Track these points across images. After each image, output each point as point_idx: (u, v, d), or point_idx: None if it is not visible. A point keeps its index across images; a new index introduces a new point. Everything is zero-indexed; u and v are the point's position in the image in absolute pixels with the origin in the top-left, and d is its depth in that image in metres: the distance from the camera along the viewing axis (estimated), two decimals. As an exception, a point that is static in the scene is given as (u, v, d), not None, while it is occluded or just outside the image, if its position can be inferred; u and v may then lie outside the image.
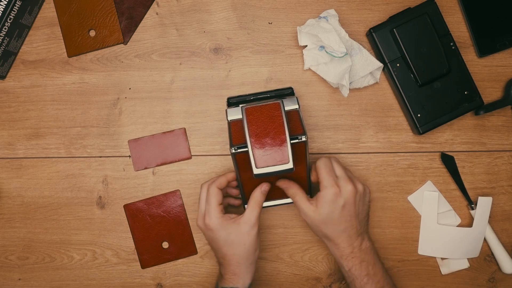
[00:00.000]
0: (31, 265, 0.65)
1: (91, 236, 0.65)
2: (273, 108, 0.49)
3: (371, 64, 0.60)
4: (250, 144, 0.48)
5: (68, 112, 0.65)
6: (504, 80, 0.64)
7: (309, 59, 0.62)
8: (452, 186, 0.64)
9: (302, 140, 0.49)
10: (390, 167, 0.64)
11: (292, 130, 0.50)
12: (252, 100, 0.53)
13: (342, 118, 0.64)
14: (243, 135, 0.49)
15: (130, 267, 0.65)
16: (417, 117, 0.61)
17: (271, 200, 0.58)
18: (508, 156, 0.64)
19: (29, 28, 0.64)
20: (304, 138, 0.49)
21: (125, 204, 0.64)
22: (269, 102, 0.50)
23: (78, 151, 0.64)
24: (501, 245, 0.63)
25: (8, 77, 0.65)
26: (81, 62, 0.64)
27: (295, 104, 0.52)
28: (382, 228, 0.64)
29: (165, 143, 0.64)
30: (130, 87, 0.64)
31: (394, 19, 0.61)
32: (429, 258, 0.64)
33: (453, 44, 0.61)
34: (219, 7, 0.64)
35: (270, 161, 0.47)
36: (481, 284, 0.64)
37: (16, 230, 0.65)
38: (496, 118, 0.64)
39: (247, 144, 0.48)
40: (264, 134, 0.48)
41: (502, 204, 0.64)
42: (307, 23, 0.62)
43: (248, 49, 0.64)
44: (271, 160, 0.47)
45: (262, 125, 0.48)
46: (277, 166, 0.47)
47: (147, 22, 0.64)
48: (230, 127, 0.52)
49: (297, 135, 0.49)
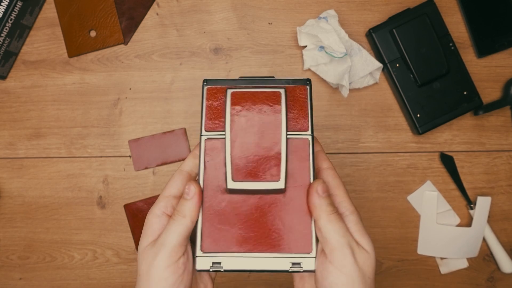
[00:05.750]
0: (32, 264, 0.65)
1: (92, 236, 0.65)
2: (271, 99, 0.35)
3: (371, 64, 0.61)
4: (230, 146, 0.34)
5: (68, 112, 0.65)
6: (503, 81, 0.64)
7: (309, 60, 0.62)
8: (451, 186, 0.64)
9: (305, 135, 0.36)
10: (389, 167, 0.64)
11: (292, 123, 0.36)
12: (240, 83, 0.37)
13: (342, 118, 0.64)
14: (220, 124, 0.36)
15: (130, 266, 0.65)
16: (417, 117, 0.61)
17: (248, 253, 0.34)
18: (507, 156, 0.64)
19: (30, 28, 0.64)
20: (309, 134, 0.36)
21: (126, 204, 0.64)
22: (266, 90, 0.36)
23: (79, 151, 0.65)
24: (500, 244, 0.63)
25: (9, 78, 0.65)
26: (82, 62, 0.65)
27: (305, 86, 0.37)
28: (381, 228, 0.64)
29: (166, 143, 0.64)
30: (130, 87, 0.65)
31: (393, 19, 0.61)
32: (428, 257, 0.64)
33: (452, 45, 0.61)
34: (219, 7, 0.64)
35: (252, 173, 0.34)
36: (480, 284, 0.64)
37: (17, 229, 0.65)
38: (495, 118, 0.64)
39: (225, 146, 0.34)
40: (251, 135, 0.35)
41: (501, 204, 0.64)
42: (307, 24, 0.62)
43: (248, 49, 0.64)
44: (254, 173, 0.34)
45: (251, 121, 0.35)
46: (261, 183, 0.34)
47: (148, 22, 0.64)
48: (204, 103, 0.37)
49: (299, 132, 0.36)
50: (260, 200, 0.35)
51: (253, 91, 0.36)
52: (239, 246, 0.33)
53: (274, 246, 0.34)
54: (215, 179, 0.35)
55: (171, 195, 0.35)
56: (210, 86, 0.37)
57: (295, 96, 0.37)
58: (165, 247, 0.31)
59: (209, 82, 0.37)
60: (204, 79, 0.37)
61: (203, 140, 0.36)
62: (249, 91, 0.36)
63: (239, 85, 0.37)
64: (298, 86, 0.37)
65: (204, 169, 0.35)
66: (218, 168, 0.35)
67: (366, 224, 0.64)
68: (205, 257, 0.33)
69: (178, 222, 0.32)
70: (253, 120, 0.35)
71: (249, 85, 0.36)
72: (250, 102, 0.35)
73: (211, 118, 0.36)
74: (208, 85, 0.37)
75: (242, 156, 0.34)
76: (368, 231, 0.64)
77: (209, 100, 0.37)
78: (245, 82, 0.37)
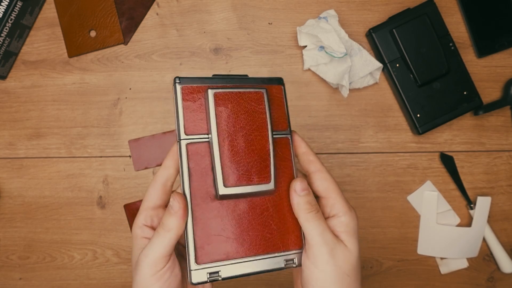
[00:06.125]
0: (32, 264, 0.65)
1: (92, 236, 0.65)
2: (255, 99, 0.34)
3: (371, 64, 0.61)
4: (219, 150, 0.33)
5: (68, 112, 0.65)
6: (503, 81, 0.64)
7: (309, 60, 0.62)
8: (451, 186, 0.64)
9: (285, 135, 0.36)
10: (389, 167, 0.64)
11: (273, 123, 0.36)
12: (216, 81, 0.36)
13: (342, 118, 0.64)
14: (202, 126, 0.34)
15: (130, 266, 0.65)
16: (417, 117, 0.61)
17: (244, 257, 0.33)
18: (507, 156, 0.64)
19: (30, 28, 0.64)
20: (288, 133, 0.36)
21: (126, 204, 0.64)
22: (249, 90, 0.35)
23: (79, 151, 0.65)
24: (500, 244, 0.63)
25: (9, 78, 0.65)
26: (82, 62, 0.65)
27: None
28: (381, 228, 0.64)
29: (166, 143, 0.64)
30: (130, 87, 0.65)
31: (393, 19, 0.61)
32: (428, 257, 0.64)
33: (453, 45, 0.61)
34: (219, 7, 0.64)
35: (243, 177, 0.33)
36: (480, 284, 0.64)
37: (17, 229, 0.65)
38: (495, 118, 0.64)
39: (213, 151, 0.33)
40: (238, 137, 0.34)
41: (501, 204, 0.64)
42: (307, 24, 0.62)
43: (248, 49, 0.64)
44: (245, 177, 0.33)
45: (237, 123, 0.34)
46: (253, 186, 0.33)
47: (148, 22, 0.64)
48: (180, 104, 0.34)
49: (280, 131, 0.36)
50: (250, 202, 0.34)
51: (236, 92, 0.34)
52: (234, 252, 0.33)
53: (268, 247, 0.34)
54: (203, 186, 0.33)
55: (149, 207, 0.35)
56: (185, 85, 0.34)
57: (272, 96, 0.36)
58: (148, 258, 0.32)
59: (183, 80, 0.34)
60: (176, 77, 0.34)
61: (183, 144, 0.33)
62: (232, 91, 0.34)
63: (215, 84, 0.35)
64: (274, 86, 0.37)
65: (190, 176, 0.33)
66: (204, 174, 0.33)
67: (366, 224, 0.64)
68: (201, 269, 0.32)
69: (162, 236, 0.32)
70: (239, 122, 0.34)
71: (226, 84, 0.35)
72: (234, 103, 0.34)
73: (190, 120, 0.34)
74: (182, 83, 0.34)
75: (232, 160, 0.33)
76: (368, 231, 0.64)
77: (186, 100, 0.34)
78: (220, 81, 0.35)
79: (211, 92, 0.33)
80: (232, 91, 0.34)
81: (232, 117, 0.34)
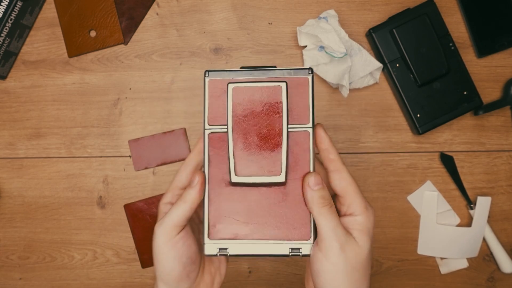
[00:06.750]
0: (32, 264, 0.65)
1: (92, 236, 0.65)
2: (272, 94, 0.36)
3: (371, 64, 0.61)
4: (232, 142, 0.36)
5: (68, 112, 0.65)
6: (503, 81, 0.64)
7: (309, 60, 0.62)
8: (452, 186, 0.64)
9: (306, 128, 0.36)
10: (389, 167, 0.64)
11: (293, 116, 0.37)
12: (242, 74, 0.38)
13: (342, 118, 0.64)
14: (223, 117, 0.37)
15: (130, 266, 0.65)
16: (417, 117, 0.61)
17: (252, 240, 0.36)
18: (507, 156, 0.64)
19: (30, 28, 0.64)
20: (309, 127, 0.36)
21: (126, 204, 0.64)
22: (267, 84, 0.36)
23: (79, 151, 0.65)
24: (500, 244, 0.63)
25: (9, 78, 0.65)
26: (82, 62, 0.65)
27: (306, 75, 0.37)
28: (381, 228, 0.64)
29: (165, 143, 0.64)
30: (130, 87, 0.65)
31: (393, 19, 0.61)
32: (428, 257, 0.64)
33: (453, 45, 0.61)
34: (219, 7, 0.64)
35: (254, 169, 0.36)
36: (480, 284, 0.64)
37: (17, 229, 0.65)
38: (495, 118, 0.64)
39: (228, 142, 0.36)
40: (253, 130, 0.36)
41: (501, 204, 0.64)
42: (307, 24, 0.62)
43: (248, 49, 0.64)
44: (256, 168, 0.36)
45: (253, 116, 0.36)
46: (263, 177, 0.36)
47: (148, 22, 0.64)
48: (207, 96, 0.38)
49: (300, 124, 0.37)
50: (261, 191, 0.37)
51: (254, 86, 0.36)
52: (242, 234, 0.36)
53: (276, 234, 0.36)
54: (220, 172, 0.37)
55: (177, 186, 0.38)
56: (211, 79, 0.37)
57: (297, 87, 0.37)
58: (162, 226, 0.35)
59: (211, 73, 0.38)
60: (206, 70, 0.37)
61: (206, 134, 0.37)
62: (250, 86, 0.36)
63: (240, 77, 0.37)
64: (301, 77, 0.38)
65: (209, 162, 0.37)
66: (222, 161, 0.37)
67: (366, 224, 0.64)
68: (213, 244, 0.36)
69: (177, 206, 0.35)
70: (254, 116, 0.36)
71: (250, 78, 0.37)
72: (251, 98, 0.36)
73: (214, 112, 0.37)
74: (210, 77, 0.38)
75: (244, 151, 0.36)
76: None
77: (211, 93, 0.37)
78: (246, 73, 0.37)
79: (230, 87, 0.36)
80: (250, 85, 0.36)
81: (248, 110, 0.36)
